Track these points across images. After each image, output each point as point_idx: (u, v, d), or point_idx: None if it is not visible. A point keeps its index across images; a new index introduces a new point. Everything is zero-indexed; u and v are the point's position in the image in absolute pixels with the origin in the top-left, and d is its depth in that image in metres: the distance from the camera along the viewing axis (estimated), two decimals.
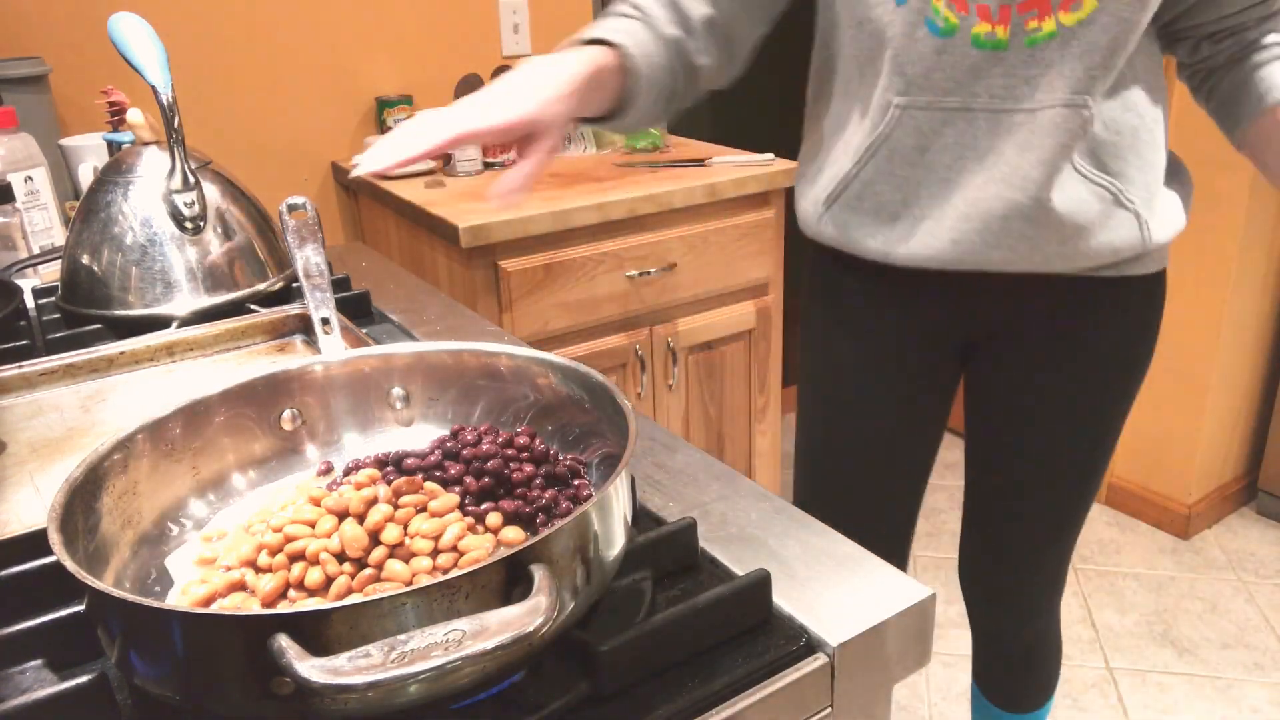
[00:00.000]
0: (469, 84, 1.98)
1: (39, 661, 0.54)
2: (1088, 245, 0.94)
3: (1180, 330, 2.19)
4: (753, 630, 0.56)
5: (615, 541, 0.52)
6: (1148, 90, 0.94)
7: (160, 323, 1.02)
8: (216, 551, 0.57)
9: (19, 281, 1.16)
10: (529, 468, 0.60)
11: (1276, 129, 0.95)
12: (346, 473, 0.63)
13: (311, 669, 0.38)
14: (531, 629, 0.40)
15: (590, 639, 0.51)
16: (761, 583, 0.56)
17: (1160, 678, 1.89)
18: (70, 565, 0.45)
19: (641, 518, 0.67)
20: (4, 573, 0.58)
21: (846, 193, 1.00)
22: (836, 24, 0.97)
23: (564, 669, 0.52)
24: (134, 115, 1.10)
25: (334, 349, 0.70)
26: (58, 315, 1.07)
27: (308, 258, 0.73)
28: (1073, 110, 0.88)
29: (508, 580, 0.44)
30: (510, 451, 0.62)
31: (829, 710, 0.56)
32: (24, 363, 0.90)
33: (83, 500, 0.54)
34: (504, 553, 0.44)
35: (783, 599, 0.58)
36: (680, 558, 0.62)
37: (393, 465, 0.62)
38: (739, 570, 0.61)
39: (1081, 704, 1.83)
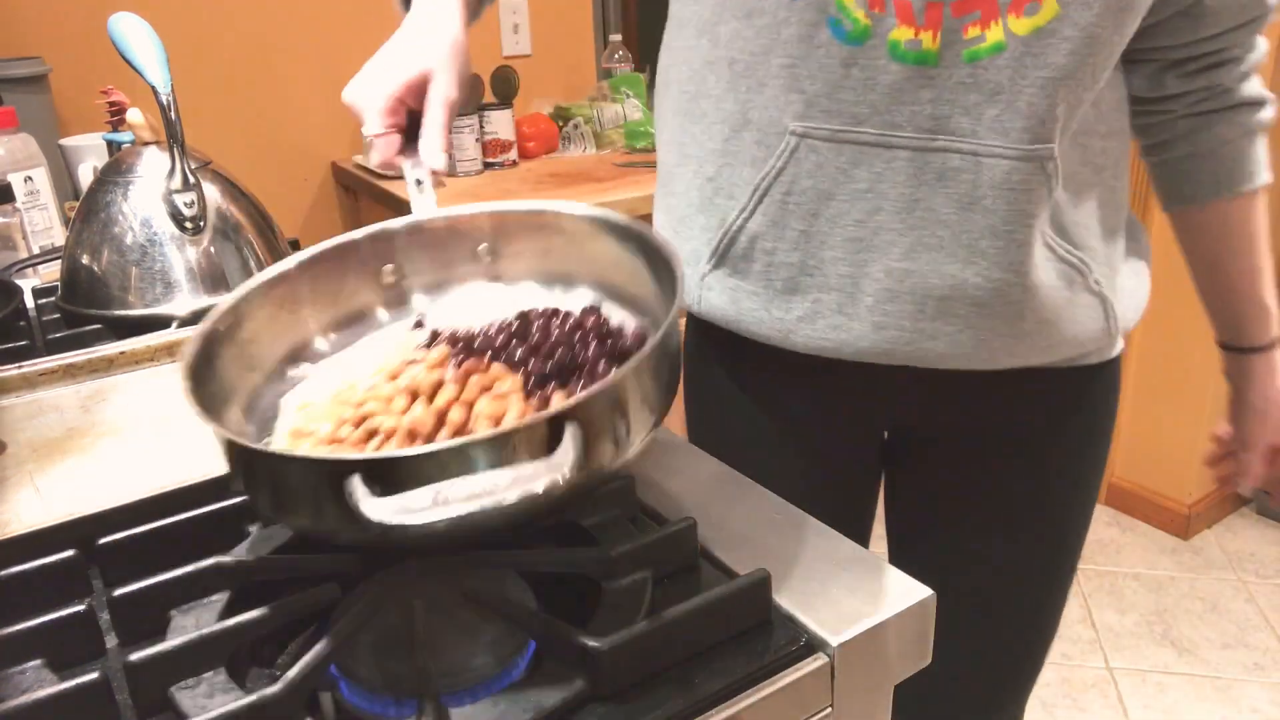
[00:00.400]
0: (468, 84, 1.98)
1: (39, 661, 0.54)
2: (1049, 339, 0.75)
3: (1180, 330, 2.19)
4: (753, 630, 0.56)
5: (649, 402, 0.54)
6: (1114, 135, 0.76)
7: (160, 323, 1.02)
8: (310, 418, 0.62)
9: (19, 281, 1.16)
10: (594, 347, 0.63)
11: (1242, 218, 0.83)
12: (431, 340, 0.66)
13: (372, 506, 0.44)
14: (560, 476, 0.45)
15: (590, 639, 0.51)
16: (761, 583, 0.56)
17: (1160, 678, 1.89)
18: (194, 408, 0.53)
19: (641, 517, 0.67)
20: (4, 573, 0.58)
21: (733, 250, 0.77)
22: (724, 7, 0.73)
23: (564, 669, 0.52)
24: (134, 115, 1.10)
25: (426, 207, 0.73)
26: (58, 315, 1.07)
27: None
28: (1035, 165, 0.68)
29: (550, 437, 0.48)
30: (577, 333, 0.64)
31: (829, 710, 0.56)
32: (24, 363, 0.90)
33: (209, 350, 0.62)
34: (544, 414, 0.49)
35: (783, 599, 0.58)
36: (680, 558, 0.62)
37: (464, 344, 0.64)
38: (739, 570, 0.61)
39: (1081, 704, 1.83)
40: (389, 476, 0.46)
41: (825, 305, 0.75)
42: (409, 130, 0.72)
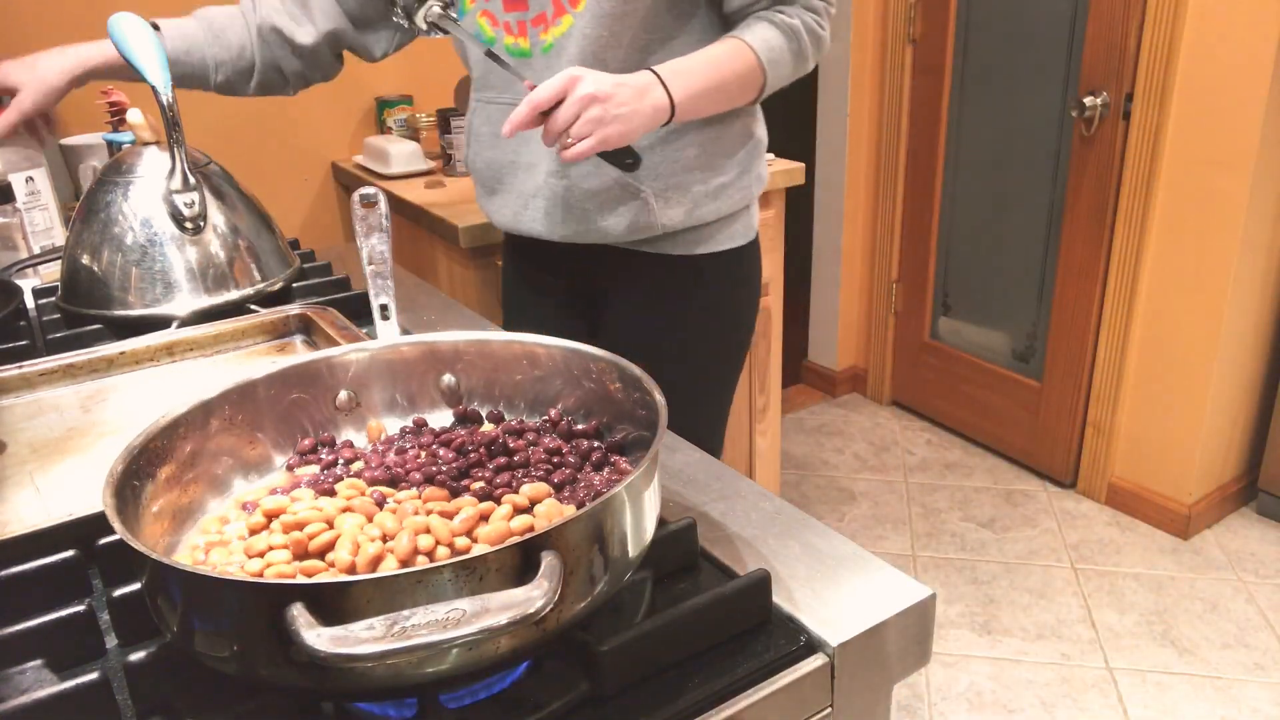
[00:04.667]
0: (469, 84, 1.98)
1: (39, 661, 0.54)
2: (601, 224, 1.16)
3: (1180, 330, 2.19)
4: (753, 630, 0.56)
5: (634, 534, 0.52)
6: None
7: (160, 323, 1.02)
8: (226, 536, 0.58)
9: (19, 281, 1.16)
10: (549, 442, 0.63)
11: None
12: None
13: (317, 637, 0.39)
14: (532, 611, 0.41)
15: (590, 639, 0.51)
16: (761, 583, 0.56)
17: (1160, 678, 1.89)
18: (119, 528, 0.47)
19: None
20: (4, 573, 0.58)
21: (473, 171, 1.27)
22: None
23: (564, 669, 0.52)
24: (134, 115, 1.10)
25: (390, 334, 0.73)
26: (58, 315, 1.07)
27: (373, 246, 0.77)
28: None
29: (523, 565, 0.45)
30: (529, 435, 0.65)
31: (829, 710, 0.56)
32: (24, 363, 0.90)
33: (139, 469, 0.56)
34: (516, 540, 0.45)
35: (783, 599, 0.58)
36: (680, 558, 0.62)
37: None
38: (739, 570, 0.61)
39: (1081, 704, 1.83)
40: (334, 605, 0.41)
41: (515, 203, 1.21)
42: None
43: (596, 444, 0.64)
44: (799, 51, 1.10)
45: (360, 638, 0.39)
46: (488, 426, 0.70)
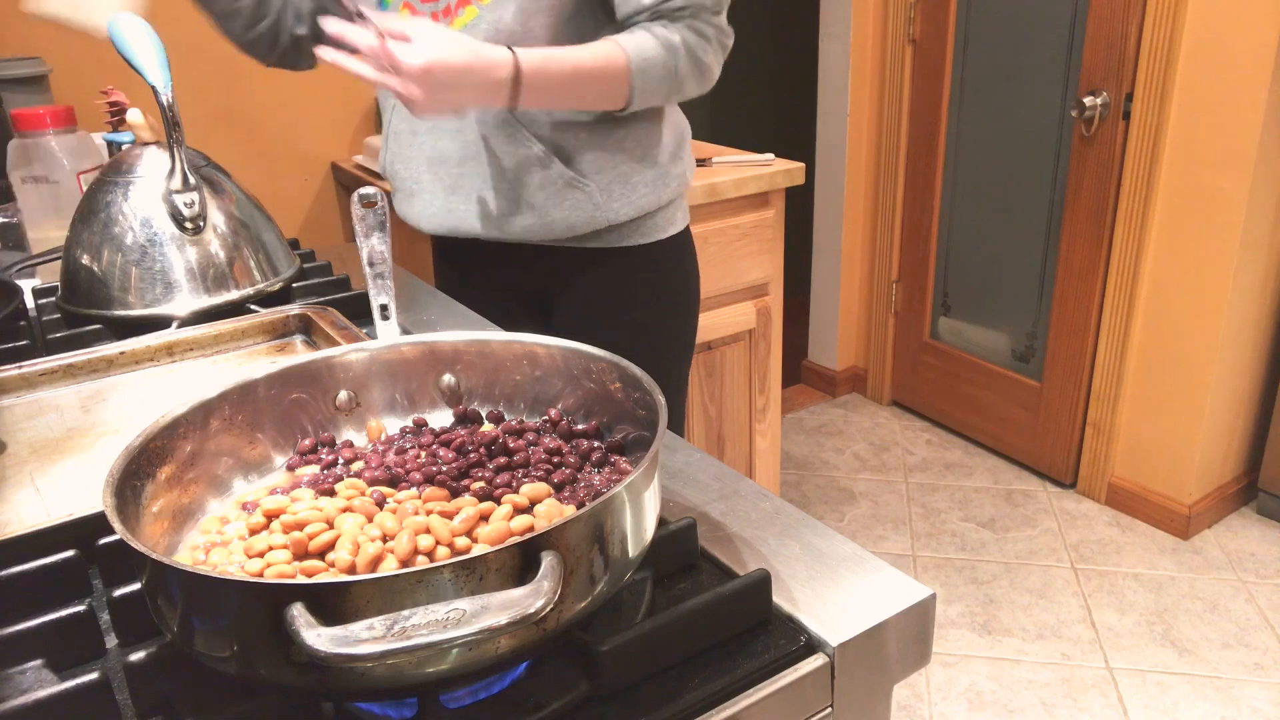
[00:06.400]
0: None
1: (39, 661, 0.54)
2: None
3: (1180, 330, 2.19)
4: (753, 630, 0.56)
5: (634, 533, 0.52)
6: None
7: (160, 323, 1.02)
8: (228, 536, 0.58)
9: (19, 281, 1.16)
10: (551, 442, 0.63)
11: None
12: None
13: (317, 637, 0.39)
14: (532, 611, 0.41)
15: (590, 639, 0.51)
16: (761, 583, 0.56)
17: (1160, 678, 1.89)
18: (119, 528, 0.47)
19: None
20: (4, 573, 0.58)
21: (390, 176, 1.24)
22: None
23: (564, 669, 0.52)
24: (134, 115, 1.10)
25: (390, 334, 0.73)
26: (58, 315, 1.07)
27: (373, 246, 0.77)
28: None
29: (523, 565, 0.45)
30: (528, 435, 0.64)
31: (829, 710, 0.56)
32: (24, 363, 0.90)
33: (139, 469, 0.56)
34: (516, 540, 0.45)
35: (783, 599, 0.58)
36: (680, 558, 0.62)
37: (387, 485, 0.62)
38: (739, 570, 0.61)
39: (1082, 704, 1.83)
40: (334, 605, 0.41)
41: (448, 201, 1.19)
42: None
43: (596, 444, 0.64)
44: (674, 70, 1.06)
45: (360, 638, 0.39)
46: (488, 426, 0.70)
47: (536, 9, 1.06)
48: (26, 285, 1.17)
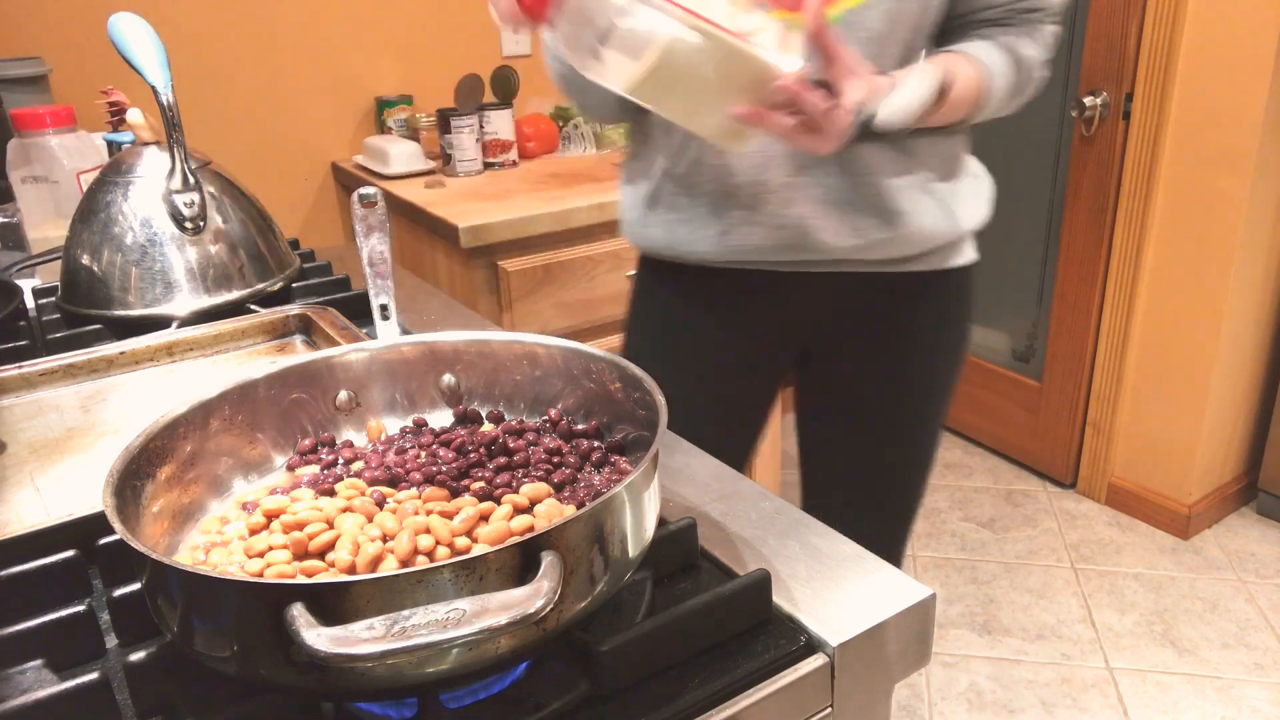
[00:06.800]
0: (469, 84, 1.98)
1: (39, 661, 0.54)
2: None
3: (1180, 330, 2.19)
4: (753, 630, 0.56)
5: (634, 533, 0.52)
6: None
7: (160, 323, 1.02)
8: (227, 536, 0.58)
9: (19, 281, 1.16)
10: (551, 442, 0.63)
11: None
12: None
13: (317, 637, 0.39)
14: (532, 611, 0.41)
15: (590, 639, 0.51)
16: (761, 583, 0.56)
17: (1160, 678, 1.89)
18: (119, 528, 0.47)
19: None
20: (4, 573, 0.58)
21: (669, 189, 0.99)
22: None
23: (564, 669, 0.52)
24: (134, 115, 1.10)
25: (390, 334, 0.73)
26: (58, 315, 1.07)
27: (373, 246, 0.77)
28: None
29: (523, 565, 0.45)
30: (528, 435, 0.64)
31: (829, 710, 0.56)
32: (24, 363, 0.90)
33: (139, 469, 0.56)
34: (516, 540, 0.45)
35: (783, 599, 0.58)
36: (680, 558, 0.62)
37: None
38: (739, 570, 0.61)
39: (1082, 704, 1.83)
40: (334, 605, 0.42)
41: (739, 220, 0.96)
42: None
43: (596, 444, 0.64)
44: (1020, 88, 0.95)
45: (360, 638, 0.39)
46: (488, 426, 0.70)
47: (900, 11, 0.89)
48: (26, 285, 1.17)
